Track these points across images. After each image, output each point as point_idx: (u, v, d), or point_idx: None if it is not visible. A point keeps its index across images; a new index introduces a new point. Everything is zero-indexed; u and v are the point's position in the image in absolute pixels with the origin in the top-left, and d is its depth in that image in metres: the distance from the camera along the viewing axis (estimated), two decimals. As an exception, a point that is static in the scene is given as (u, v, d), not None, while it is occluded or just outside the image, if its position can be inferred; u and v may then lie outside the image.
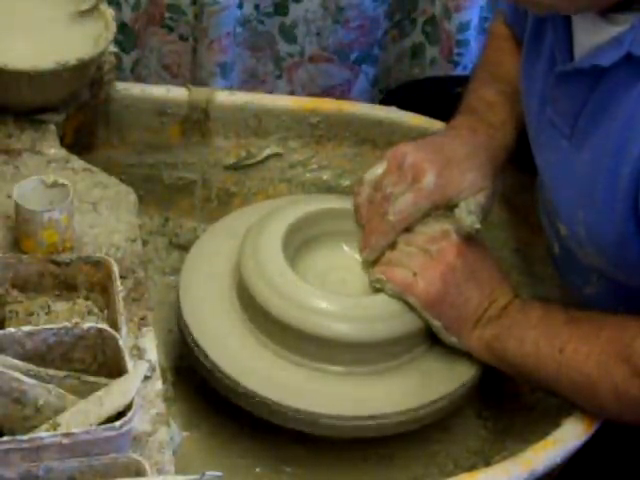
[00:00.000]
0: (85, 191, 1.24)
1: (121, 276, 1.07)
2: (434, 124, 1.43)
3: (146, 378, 1.02)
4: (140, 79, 1.79)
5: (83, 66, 1.27)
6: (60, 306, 1.07)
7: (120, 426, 0.89)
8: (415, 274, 1.15)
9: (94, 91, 1.38)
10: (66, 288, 1.08)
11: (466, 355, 1.19)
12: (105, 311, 1.07)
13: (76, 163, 1.28)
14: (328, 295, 1.17)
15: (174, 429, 1.04)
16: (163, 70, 1.83)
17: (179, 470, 0.97)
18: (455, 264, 1.16)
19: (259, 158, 1.48)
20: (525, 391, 1.26)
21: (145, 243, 1.38)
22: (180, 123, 1.45)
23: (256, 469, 1.21)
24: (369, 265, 1.22)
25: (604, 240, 1.08)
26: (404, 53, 1.92)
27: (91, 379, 0.95)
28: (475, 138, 1.24)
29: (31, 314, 1.05)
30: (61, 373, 0.95)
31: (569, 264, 1.23)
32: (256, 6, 1.79)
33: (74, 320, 0.99)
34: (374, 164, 1.24)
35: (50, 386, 0.92)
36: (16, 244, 1.14)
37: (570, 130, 1.10)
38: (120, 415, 0.91)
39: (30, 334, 0.96)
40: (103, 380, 0.95)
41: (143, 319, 1.10)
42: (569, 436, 1.11)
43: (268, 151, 1.48)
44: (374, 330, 1.16)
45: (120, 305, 1.03)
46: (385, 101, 1.66)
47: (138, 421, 0.96)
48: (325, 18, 1.82)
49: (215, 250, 1.27)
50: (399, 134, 1.43)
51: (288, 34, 1.83)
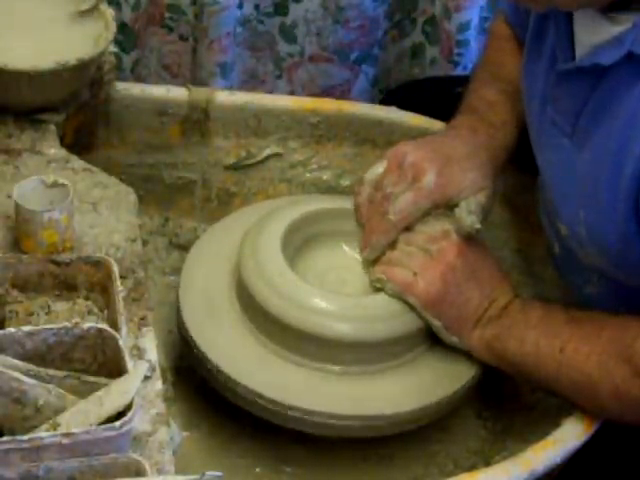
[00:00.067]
0: (85, 191, 1.24)
1: (121, 276, 1.07)
2: (434, 124, 1.43)
3: (146, 378, 1.02)
4: (140, 79, 1.79)
5: (83, 66, 1.27)
6: (60, 306, 1.07)
7: (120, 426, 0.89)
8: (415, 274, 1.15)
9: (94, 91, 1.38)
10: (66, 288, 1.08)
11: (466, 355, 1.19)
12: (105, 311, 1.07)
13: (76, 163, 1.28)
14: (328, 295, 1.17)
15: (174, 429, 1.04)
16: (163, 70, 1.83)
17: (179, 470, 0.97)
18: (455, 264, 1.16)
19: (259, 158, 1.48)
20: (525, 391, 1.26)
21: (145, 243, 1.38)
22: (180, 123, 1.45)
23: (256, 469, 1.21)
24: (369, 265, 1.22)
25: (605, 240, 1.08)
26: (404, 53, 1.92)
27: (91, 379, 0.95)
28: (476, 138, 1.24)
29: (31, 314, 1.05)
30: (61, 373, 0.95)
31: (569, 264, 1.23)
32: (256, 6, 1.79)
33: (74, 320, 0.99)
34: (374, 164, 1.24)
35: (50, 386, 0.92)
36: (16, 244, 1.14)
37: (571, 129, 1.10)
38: (120, 415, 0.91)
39: (30, 334, 0.96)
40: (103, 380, 0.95)
41: (143, 319, 1.10)
42: (569, 436, 1.11)
43: (268, 151, 1.48)
44: (374, 330, 1.16)
45: (120, 305, 1.03)
46: (385, 101, 1.66)
47: (138, 421, 0.96)
48: (325, 18, 1.82)
49: (215, 250, 1.27)
50: (399, 134, 1.43)
51: (288, 34, 1.83)
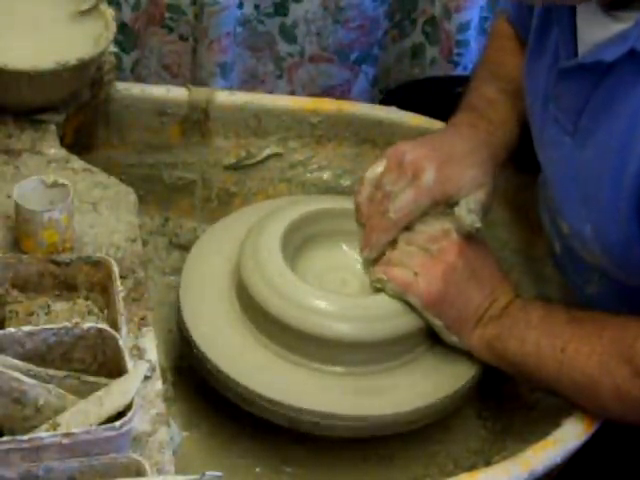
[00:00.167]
0: (85, 191, 1.24)
1: (121, 276, 1.07)
2: (434, 124, 1.43)
3: (146, 378, 1.02)
4: (140, 79, 1.79)
5: (83, 66, 1.27)
6: (60, 306, 1.07)
7: (120, 426, 0.89)
8: (416, 274, 1.15)
9: (94, 91, 1.38)
10: (66, 288, 1.08)
11: (466, 355, 1.19)
12: (105, 311, 1.07)
13: (76, 163, 1.28)
14: (328, 295, 1.17)
15: (174, 429, 1.04)
16: (163, 70, 1.83)
17: (179, 470, 0.97)
18: (456, 263, 1.16)
19: (259, 158, 1.48)
20: (525, 391, 1.26)
21: (145, 243, 1.38)
22: (180, 123, 1.45)
23: (256, 469, 1.21)
24: (369, 264, 1.22)
25: (609, 239, 1.07)
26: (404, 53, 1.92)
27: (91, 379, 0.95)
28: (476, 135, 1.24)
29: (31, 314, 1.05)
30: (61, 373, 0.95)
31: (570, 263, 1.23)
32: (256, 6, 1.79)
33: (74, 320, 0.99)
34: (374, 163, 1.24)
35: (50, 386, 0.92)
36: (16, 244, 1.14)
37: (573, 127, 1.10)
38: (120, 415, 0.91)
39: (30, 334, 0.96)
40: (103, 380, 0.95)
41: (143, 319, 1.10)
42: (569, 436, 1.11)
43: (268, 151, 1.48)
44: (374, 330, 1.15)
45: (120, 305, 1.03)
46: (385, 101, 1.66)
47: (138, 421, 0.96)
48: (325, 18, 1.82)
49: (215, 250, 1.27)
50: (399, 134, 1.43)
51: (288, 34, 1.83)
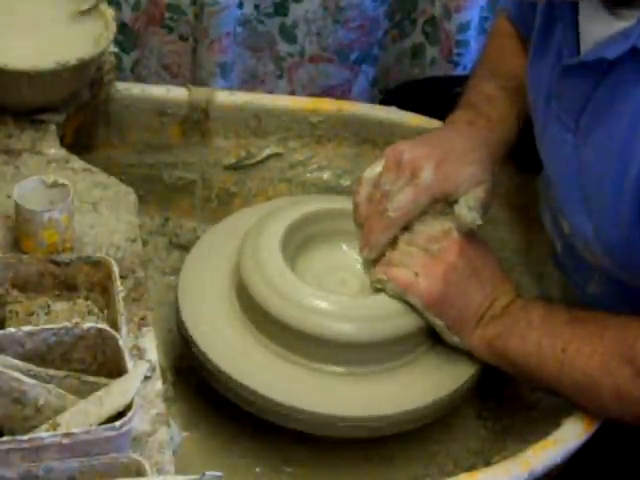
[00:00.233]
0: (85, 191, 1.24)
1: (121, 276, 1.07)
2: (434, 124, 1.42)
3: (146, 378, 1.01)
4: (140, 79, 1.79)
5: (83, 66, 1.27)
6: (60, 306, 1.07)
7: (120, 426, 0.89)
8: (417, 274, 1.15)
9: (94, 91, 1.38)
10: (66, 288, 1.08)
11: (466, 355, 1.19)
12: (105, 311, 1.07)
13: (76, 163, 1.28)
14: (328, 295, 1.17)
15: (174, 429, 1.04)
16: (163, 70, 1.82)
17: (179, 470, 0.97)
18: (456, 263, 1.16)
19: (259, 158, 1.48)
20: (525, 391, 1.26)
21: (145, 243, 1.38)
22: (180, 123, 1.45)
23: (256, 469, 1.21)
24: (369, 265, 1.21)
25: (610, 241, 1.07)
26: (404, 53, 1.92)
27: (91, 379, 0.95)
28: (474, 132, 1.24)
29: (31, 314, 1.05)
30: (61, 373, 0.95)
31: (572, 263, 1.22)
32: (256, 6, 1.79)
33: (74, 320, 0.99)
34: (372, 163, 1.24)
35: (50, 386, 0.92)
36: (16, 244, 1.14)
37: (575, 125, 1.10)
38: (120, 415, 0.91)
39: (30, 334, 0.96)
40: (103, 380, 0.95)
41: (143, 319, 1.10)
42: (569, 436, 1.11)
43: (268, 151, 1.48)
44: (374, 330, 1.15)
45: (120, 305, 1.03)
46: (385, 101, 1.66)
47: (138, 421, 0.96)
48: (325, 18, 1.82)
49: (215, 250, 1.27)
50: (399, 134, 1.43)
51: (288, 34, 1.83)
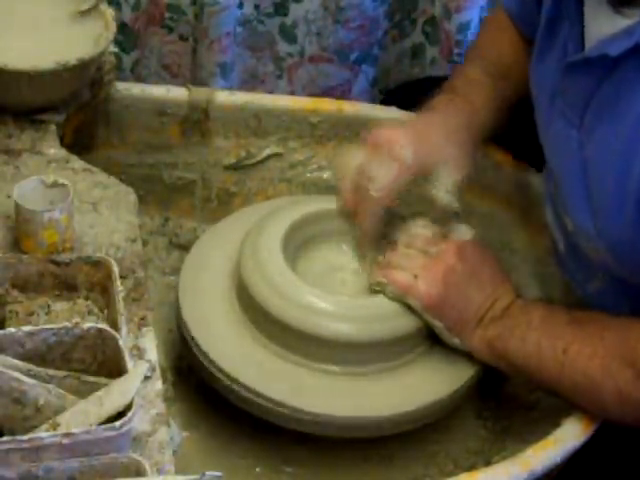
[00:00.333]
0: (85, 191, 1.24)
1: (121, 276, 1.07)
2: (434, 124, 1.43)
3: (146, 378, 1.01)
4: (140, 79, 1.79)
5: (83, 66, 1.27)
6: (60, 306, 1.07)
7: (120, 426, 0.89)
8: (416, 276, 1.15)
9: (94, 91, 1.38)
10: (66, 288, 1.08)
11: (466, 355, 1.19)
12: (105, 311, 1.07)
13: (76, 163, 1.28)
14: (328, 295, 1.17)
15: (174, 429, 1.04)
16: (163, 70, 1.82)
17: (179, 470, 0.97)
18: (456, 265, 1.16)
19: (259, 158, 1.48)
20: (525, 391, 1.26)
21: (145, 243, 1.38)
22: (180, 123, 1.45)
23: (256, 469, 1.21)
24: (368, 264, 1.22)
25: (612, 239, 1.07)
26: (404, 53, 1.92)
27: (91, 379, 0.95)
28: (457, 116, 1.25)
29: (31, 314, 1.05)
30: (61, 373, 0.95)
31: (574, 261, 1.22)
32: (256, 6, 1.79)
33: (74, 320, 0.99)
34: (351, 152, 1.24)
35: (50, 386, 0.92)
36: (16, 244, 1.14)
37: (579, 121, 1.10)
38: (120, 415, 0.91)
39: (30, 334, 0.96)
40: (103, 380, 0.95)
41: (143, 319, 1.10)
42: (569, 436, 1.11)
43: (268, 151, 1.48)
44: (374, 330, 1.16)
45: (120, 305, 1.03)
46: (385, 101, 1.66)
47: (138, 421, 0.97)
48: (325, 18, 1.81)
49: (215, 250, 1.27)
50: (399, 134, 1.43)
51: (288, 34, 1.83)
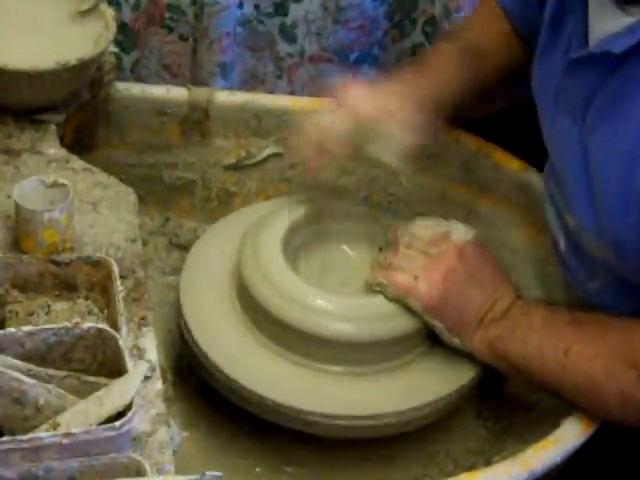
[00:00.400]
0: (85, 191, 1.24)
1: (121, 276, 1.07)
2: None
3: (146, 378, 1.02)
4: (140, 79, 1.79)
5: (83, 66, 1.27)
6: (60, 306, 1.07)
7: (120, 426, 0.89)
8: (416, 277, 1.15)
9: (94, 91, 1.38)
10: (66, 288, 1.08)
11: (466, 356, 1.18)
12: (105, 311, 1.07)
13: (76, 163, 1.28)
14: (328, 295, 1.17)
15: (174, 429, 1.04)
16: (163, 70, 1.82)
17: (179, 470, 0.97)
18: (456, 266, 1.15)
19: (259, 158, 1.48)
20: (525, 391, 1.26)
21: (145, 243, 1.38)
22: (180, 123, 1.45)
23: (256, 469, 1.21)
24: (368, 262, 1.22)
25: (614, 237, 1.07)
26: (404, 53, 1.91)
27: (91, 379, 0.95)
28: (419, 84, 1.26)
29: (31, 314, 1.05)
30: (61, 373, 0.95)
31: (575, 259, 1.21)
32: (256, 6, 1.79)
33: (74, 320, 0.99)
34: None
35: (50, 386, 0.92)
36: (16, 244, 1.14)
37: (582, 119, 1.09)
38: (120, 415, 0.91)
39: (30, 334, 0.96)
40: (103, 380, 0.95)
41: (143, 319, 1.10)
42: (568, 436, 1.10)
43: (268, 151, 1.48)
44: (374, 330, 1.16)
45: (120, 305, 1.03)
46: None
47: (138, 421, 0.97)
48: (325, 18, 1.81)
49: (215, 250, 1.27)
50: (399, 134, 1.43)
51: (288, 34, 1.82)
